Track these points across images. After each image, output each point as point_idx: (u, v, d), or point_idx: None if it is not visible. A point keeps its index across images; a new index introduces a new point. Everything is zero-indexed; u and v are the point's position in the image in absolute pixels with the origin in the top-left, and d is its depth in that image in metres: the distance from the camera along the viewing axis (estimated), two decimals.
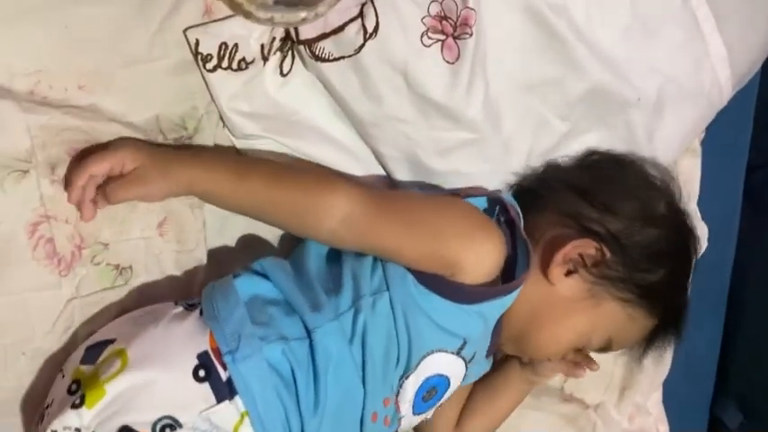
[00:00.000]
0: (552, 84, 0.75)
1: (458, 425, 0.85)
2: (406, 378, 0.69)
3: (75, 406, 0.59)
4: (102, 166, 0.64)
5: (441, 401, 0.75)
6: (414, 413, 0.72)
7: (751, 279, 1.18)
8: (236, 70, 0.70)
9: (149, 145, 0.68)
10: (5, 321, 0.66)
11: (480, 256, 0.67)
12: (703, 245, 1.05)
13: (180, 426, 0.59)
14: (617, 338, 0.76)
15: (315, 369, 0.64)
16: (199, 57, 0.69)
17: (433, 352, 0.69)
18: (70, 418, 0.59)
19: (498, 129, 0.75)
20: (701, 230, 1.05)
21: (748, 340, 1.20)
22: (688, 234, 0.81)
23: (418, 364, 0.69)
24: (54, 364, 0.68)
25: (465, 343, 0.70)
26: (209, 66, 0.69)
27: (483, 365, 0.78)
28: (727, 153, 1.08)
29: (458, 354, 0.71)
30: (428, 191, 0.77)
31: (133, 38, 0.67)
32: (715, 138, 0.99)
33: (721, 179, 1.08)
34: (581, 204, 0.75)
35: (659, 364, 1.07)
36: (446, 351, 0.70)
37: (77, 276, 0.68)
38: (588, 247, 0.73)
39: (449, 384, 0.73)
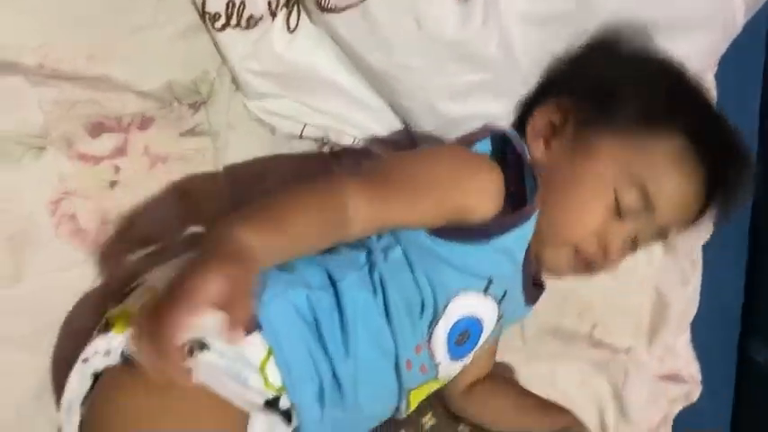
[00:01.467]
0: (564, 18, 0.74)
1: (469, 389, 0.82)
2: (436, 324, 0.67)
3: (101, 331, 0.60)
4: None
5: (478, 345, 0.72)
6: (451, 359, 0.70)
7: None
8: (245, 28, 0.68)
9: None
10: (33, 305, 0.65)
11: (480, 190, 0.66)
12: None
13: (208, 348, 0.58)
14: (649, 180, 0.68)
15: (342, 317, 0.63)
16: (207, 17, 0.67)
17: (458, 294, 0.67)
18: (98, 343, 0.59)
19: (514, 66, 0.74)
20: None
21: None
22: (647, 52, 0.75)
23: (445, 307, 0.67)
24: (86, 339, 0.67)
25: (491, 282, 0.68)
26: (218, 25, 0.68)
27: (520, 309, 0.76)
28: (742, 86, 1.06)
29: (485, 292, 0.68)
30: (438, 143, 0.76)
31: (138, 5, 0.66)
32: (728, 67, 0.96)
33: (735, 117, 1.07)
34: (545, 86, 0.75)
35: (689, 304, 1.08)
36: (472, 291, 0.68)
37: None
38: (549, 108, 0.71)
39: (482, 327, 0.71)
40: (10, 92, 0.61)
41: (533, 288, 0.76)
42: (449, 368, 0.71)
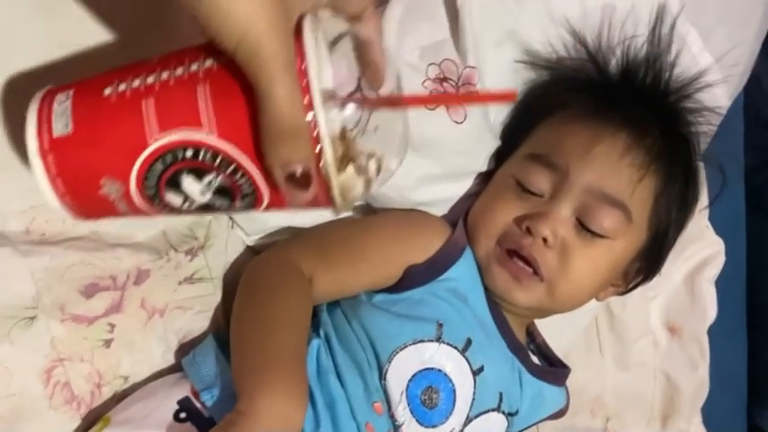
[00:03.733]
0: None
1: None
2: (385, 378, 0.62)
3: None
4: None
5: (455, 408, 0.63)
6: (420, 422, 0.62)
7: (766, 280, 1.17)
8: None
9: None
10: None
11: (424, 242, 0.66)
12: (721, 260, 1.04)
13: None
14: (540, 147, 0.68)
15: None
16: None
17: (407, 345, 0.62)
18: None
19: None
20: (718, 245, 1.04)
21: None
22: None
23: (390, 359, 0.61)
24: None
25: (441, 326, 0.63)
26: None
27: (514, 375, 0.69)
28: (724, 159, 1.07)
29: (438, 341, 0.63)
30: None
31: None
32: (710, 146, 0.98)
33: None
34: None
35: (699, 388, 1.06)
36: (425, 341, 0.62)
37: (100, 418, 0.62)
38: None
39: (451, 383, 0.63)
40: None
41: (548, 366, 0.74)
42: None
